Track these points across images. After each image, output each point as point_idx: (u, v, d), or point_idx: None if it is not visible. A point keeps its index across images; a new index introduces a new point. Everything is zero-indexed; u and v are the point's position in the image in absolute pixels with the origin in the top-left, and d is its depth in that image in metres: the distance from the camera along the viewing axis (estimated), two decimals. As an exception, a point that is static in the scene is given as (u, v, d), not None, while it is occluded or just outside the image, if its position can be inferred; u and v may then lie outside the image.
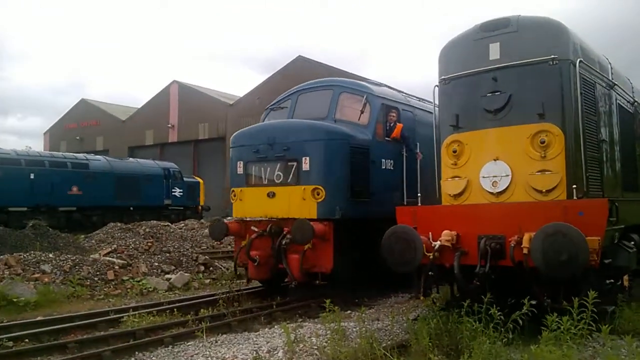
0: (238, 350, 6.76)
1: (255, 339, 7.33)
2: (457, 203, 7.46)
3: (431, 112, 11.31)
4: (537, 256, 5.97)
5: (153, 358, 6.74)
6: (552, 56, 6.96)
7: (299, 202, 9.77)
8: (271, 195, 10.11)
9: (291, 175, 9.96)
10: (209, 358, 6.38)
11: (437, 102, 8.12)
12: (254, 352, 6.41)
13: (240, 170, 10.79)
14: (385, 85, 11.95)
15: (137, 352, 6.93)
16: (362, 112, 10.56)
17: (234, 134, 11.38)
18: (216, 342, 7.22)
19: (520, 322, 5.52)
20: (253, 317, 8.64)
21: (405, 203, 10.10)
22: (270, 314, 8.96)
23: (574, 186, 6.56)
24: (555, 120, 6.90)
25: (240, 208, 10.73)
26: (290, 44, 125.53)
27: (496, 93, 7.27)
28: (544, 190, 6.80)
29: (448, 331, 6.24)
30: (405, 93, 12.34)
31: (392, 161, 10.82)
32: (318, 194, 9.64)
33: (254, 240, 10.03)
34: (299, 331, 7.21)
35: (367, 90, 10.81)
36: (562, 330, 5.12)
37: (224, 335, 7.61)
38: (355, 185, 9.96)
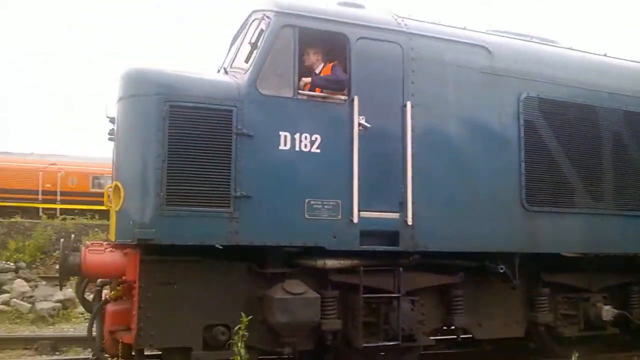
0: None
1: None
2: None
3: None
4: None
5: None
6: None
7: (111, 212, 5.59)
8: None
9: None
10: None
11: None
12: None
13: None
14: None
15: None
16: (254, 46, 5.70)
17: None
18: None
19: None
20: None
21: (354, 220, 5.57)
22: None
23: None
24: None
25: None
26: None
27: None
28: None
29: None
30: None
31: (317, 137, 5.60)
32: (119, 197, 5.29)
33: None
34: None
35: (270, 8, 5.79)
36: None
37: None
38: (182, 180, 5.15)
